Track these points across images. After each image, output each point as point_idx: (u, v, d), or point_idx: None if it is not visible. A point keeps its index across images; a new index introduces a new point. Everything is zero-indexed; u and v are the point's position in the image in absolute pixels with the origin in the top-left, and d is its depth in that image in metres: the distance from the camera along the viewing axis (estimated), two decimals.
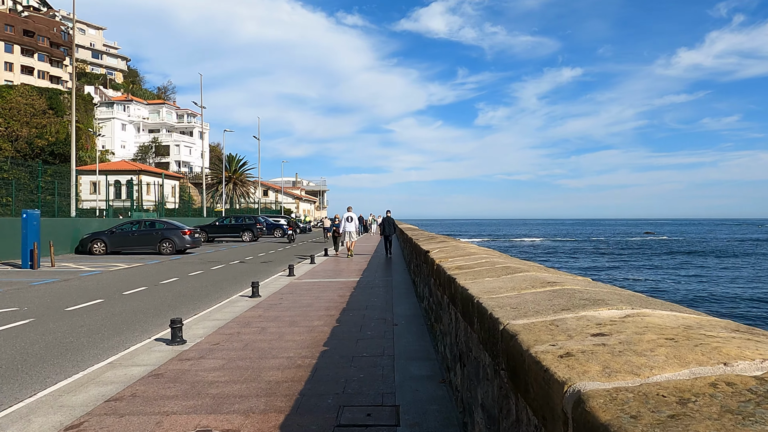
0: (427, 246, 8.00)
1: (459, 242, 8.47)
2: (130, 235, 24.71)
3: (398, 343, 6.83)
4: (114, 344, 7.41)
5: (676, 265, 41.71)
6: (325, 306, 9.70)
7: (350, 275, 15.12)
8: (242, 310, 9.45)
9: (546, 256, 52.77)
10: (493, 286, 3.27)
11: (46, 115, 79.93)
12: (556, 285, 2.99)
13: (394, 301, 10.18)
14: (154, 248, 24.41)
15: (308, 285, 12.93)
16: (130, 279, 15.20)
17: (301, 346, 6.71)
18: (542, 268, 4.13)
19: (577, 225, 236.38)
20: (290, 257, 23.14)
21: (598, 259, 48.51)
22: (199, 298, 11.56)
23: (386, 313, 8.92)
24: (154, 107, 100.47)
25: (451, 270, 4.51)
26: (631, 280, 31.67)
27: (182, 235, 24.66)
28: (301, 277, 14.56)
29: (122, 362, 6.13)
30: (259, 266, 19.16)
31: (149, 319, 9.22)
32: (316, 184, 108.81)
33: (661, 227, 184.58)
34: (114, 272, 17.04)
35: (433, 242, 8.97)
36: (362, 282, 13.41)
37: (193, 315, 9.33)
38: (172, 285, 13.83)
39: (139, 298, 11.57)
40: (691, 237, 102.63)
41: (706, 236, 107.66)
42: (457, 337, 4.23)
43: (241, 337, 7.27)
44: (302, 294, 11.38)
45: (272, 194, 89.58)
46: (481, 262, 4.79)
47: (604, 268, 39.66)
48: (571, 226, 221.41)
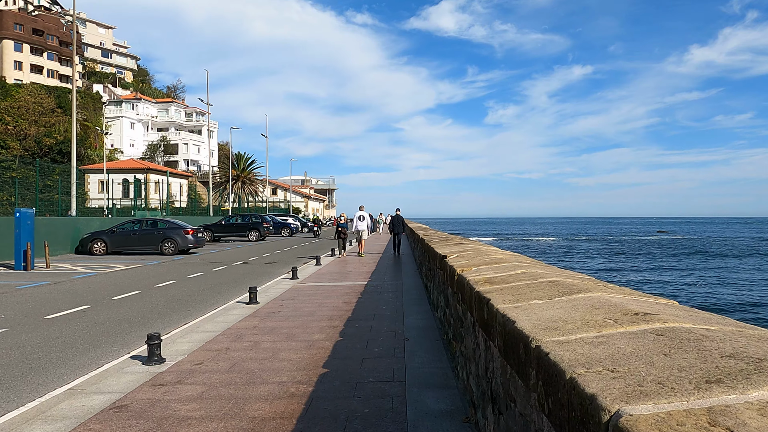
0: (443, 249, 7.01)
1: (479, 245, 7.48)
2: (131, 234, 23.91)
3: (410, 363, 5.85)
4: (85, 362, 6.49)
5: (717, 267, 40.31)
6: (328, 315, 8.74)
7: (357, 278, 14.15)
8: (236, 319, 8.51)
9: (562, 256, 51.52)
10: (550, 315, 2.29)
11: (55, 113, 79.73)
12: (651, 319, 1.99)
13: (404, 310, 9.19)
14: (156, 248, 23.60)
15: (312, 290, 11.99)
16: (125, 282, 14.34)
17: (296, 367, 5.75)
18: (605, 285, 3.14)
19: (587, 224, 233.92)
20: (296, 258, 22.23)
21: (616, 259, 47.17)
22: (193, 304, 10.65)
23: (396, 324, 7.95)
24: (162, 106, 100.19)
25: (479, 284, 3.53)
26: (685, 289, 30.20)
27: (185, 234, 23.83)
28: (304, 281, 13.61)
29: (85, 388, 5.20)
30: (263, 268, 18.26)
31: (133, 330, 8.30)
32: (325, 183, 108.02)
33: (673, 226, 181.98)
34: (109, 274, 16.20)
35: (448, 245, 7.98)
36: (370, 286, 12.44)
37: (181, 325, 8.41)
38: (167, 289, 12.94)
39: (128, 304, 10.68)
40: (707, 236, 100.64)
41: (722, 235, 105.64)
42: (489, 371, 3.25)
43: (229, 354, 6.33)
44: (304, 300, 10.43)
45: (281, 193, 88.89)
46: (516, 273, 3.80)
47: (627, 270, 38.40)
48: (582, 224, 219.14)
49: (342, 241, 22.45)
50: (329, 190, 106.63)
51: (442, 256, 6.19)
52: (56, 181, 48.84)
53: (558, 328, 2.04)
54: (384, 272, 15.67)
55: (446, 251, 6.64)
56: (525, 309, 2.50)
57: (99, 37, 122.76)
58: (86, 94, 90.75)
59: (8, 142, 71.05)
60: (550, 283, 3.17)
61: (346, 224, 22.80)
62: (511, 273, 3.85)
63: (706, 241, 78.85)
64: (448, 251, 6.59)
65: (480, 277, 3.81)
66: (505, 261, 4.73)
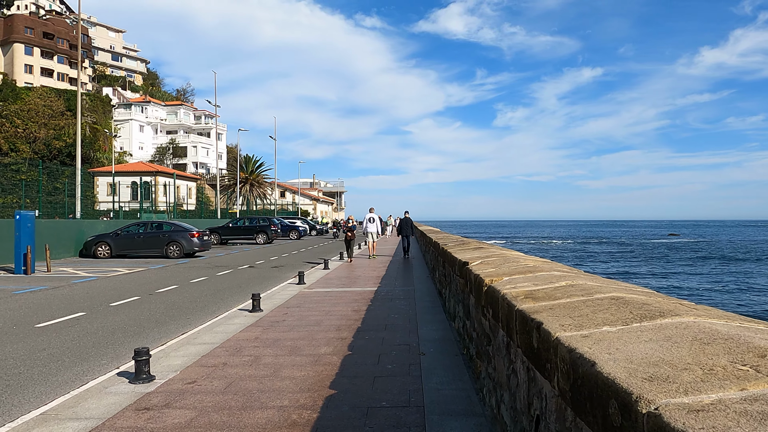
0: (463, 254, 6.36)
1: (502, 249, 6.82)
2: (135, 237, 23.44)
3: (428, 383, 5.20)
4: (69, 378, 5.90)
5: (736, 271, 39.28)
6: (336, 325, 8.10)
7: (367, 283, 13.51)
8: (237, 329, 7.90)
9: (576, 259, 50.61)
10: (643, 353, 1.63)
11: (64, 116, 79.86)
12: None
13: (418, 319, 8.54)
14: (161, 251, 23.10)
15: (319, 296, 11.36)
16: (125, 287, 13.79)
17: (300, 387, 5.11)
18: (684, 304, 2.47)
19: (597, 226, 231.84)
20: (304, 261, 21.64)
21: (632, 263, 46.19)
22: (193, 312, 10.06)
23: (410, 336, 7.29)
24: (171, 108, 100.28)
25: (519, 299, 2.88)
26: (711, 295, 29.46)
27: (190, 237, 23.32)
28: (312, 286, 12.99)
29: (60, 412, 4.60)
30: (269, 272, 17.67)
31: (126, 341, 7.71)
32: (333, 186, 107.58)
33: (685, 228, 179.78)
34: (110, 279, 15.68)
35: (467, 249, 7.32)
36: (380, 292, 11.80)
37: (177, 335, 7.81)
38: (169, 294, 12.37)
39: (125, 311, 10.11)
40: (719, 239, 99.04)
41: (735, 238, 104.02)
42: (533, 408, 2.60)
43: (226, 371, 5.71)
44: (311, 308, 9.80)
45: (289, 195, 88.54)
46: (562, 286, 3.15)
47: (644, 274, 37.49)
48: (592, 227, 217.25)
49: (350, 245, 21.26)
50: (338, 193, 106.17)
51: (462, 263, 5.54)
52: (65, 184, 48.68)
53: (669, 377, 1.39)
54: (394, 277, 15.03)
55: (466, 257, 5.98)
56: (599, 341, 1.85)
57: (109, 41, 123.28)
58: (95, 97, 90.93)
59: (18, 145, 71.20)
60: (613, 301, 2.52)
61: (354, 227, 21.73)
62: (554, 285, 3.19)
63: (719, 244, 77.46)
64: (468, 257, 5.93)
65: (517, 290, 3.16)
66: (540, 269, 4.07)
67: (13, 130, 71.60)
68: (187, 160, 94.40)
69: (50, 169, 55.16)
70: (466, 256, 5.99)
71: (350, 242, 21.16)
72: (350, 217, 23.01)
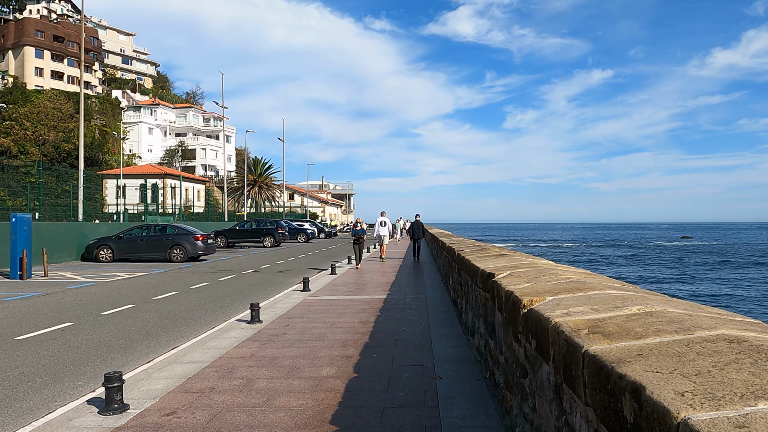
0: (485, 263, 5.55)
1: (530, 257, 6.00)
2: (138, 241, 22.82)
3: (447, 417, 4.40)
4: (35, 404, 5.16)
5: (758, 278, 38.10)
6: (340, 340, 7.32)
7: (376, 290, 12.72)
8: (232, 344, 7.14)
9: (591, 264, 49.50)
10: None
11: (74, 119, 79.87)
12: None
13: (432, 332, 7.73)
14: (165, 255, 22.46)
15: (324, 304, 10.59)
16: (121, 293, 13.10)
17: (296, 422, 4.33)
18: None
19: (608, 229, 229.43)
20: (310, 266, 20.90)
21: (650, 268, 45.05)
22: (188, 323, 9.32)
23: (423, 354, 6.50)
24: (180, 111, 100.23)
25: (584, 336, 2.08)
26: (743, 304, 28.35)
27: (194, 241, 22.66)
28: (317, 293, 12.22)
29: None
30: (274, 277, 16.94)
31: (110, 357, 6.98)
32: (342, 188, 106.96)
33: (697, 231, 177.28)
34: (108, 284, 15.01)
35: (488, 256, 6.51)
36: (390, 300, 11.00)
37: (166, 351, 7.06)
38: (165, 302, 11.66)
39: (116, 322, 9.40)
40: (734, 242, 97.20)
41: (751, 241, 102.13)
42: None
43: (212, 398, 4.94)
44: (315, 318, 9.02)
45: (298, 198, 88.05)
46: (635, 314, 2.34)
47: (670, 280, 36.40)
48: (603, 230, 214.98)
49: (359, 250, 19.35)
50: (347, 195, 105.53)
51: (487, 275, 4.73)
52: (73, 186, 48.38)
53: None
54: (405, 283, 14.23)
55: (490, 266, 5.17)
56: None
57: (119, 44, 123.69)
58: (105, 99, 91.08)
59: (27, 148, 71.22)
60: (732, 345, 1.72)
61: (363, 230, 19.64)
62: (624, 313, 2.39)
63: (735, 248, 75.86)
64: (492, 266, 5.12)
65: (574, 320, 2.37)
66: (590, 285, 3.27)
67: (22, 132, 71.64)
68: (196, 163, 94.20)
69: (59, 172, 54.98)
70: (490, 266, 5.19)
71: (359, 247, 19.33)
72: (358, 219, 20.68)
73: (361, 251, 19.53)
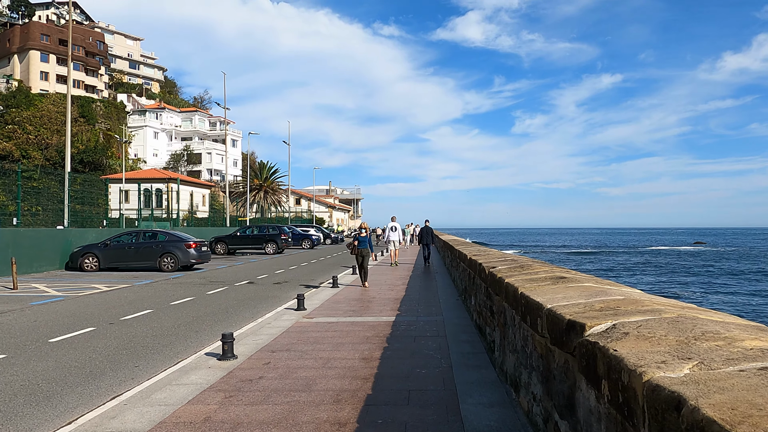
0: (545, 295, 3.66)
1: (606, 283, 4.08)
2: (126, 248, 21.06)
3: None
4: None
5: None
6: (334, 390, 5.42)
7: (383, 309, 10.82)
8: (186, 397, 5.27)
9: (611, 272, 47.27)
10: None
11: (77, 122, 78.81)
12: None
13: (456, 379, 5.81)
14: (154, 263, 20.69)
15: (319, 329, 8.70)
16: (88, 312, 11.29)
17: None
18: None
19: (619, 234, 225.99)
20: (312, 276, 19.04)
21: (677, 278, 42.75)
22: (147, 356, 7.47)
23: (449, 419, 4.58)
24: (186, 115, 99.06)
25: None
26: None
27: (186, 248, 20.87)
28: (313, 313, 10.34)
29: None
30: (269, 290, 15.09)
31: (25, 412, 5.13)
32: (350, 193, 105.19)
33: (710, 237, 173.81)
34: (79, 299, 13.21)
35: (539, 279, 4.60)
36: (400, 325, 9.09)
37: (94, 408, 5.19)
38: (134, 324, 9.83)
39: (59, 353, 7.56)
40: (750, 247, 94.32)
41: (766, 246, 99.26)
42: None
43: None
44: (304, 352, 7.14)
45: (305, 203, 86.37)
46: None
47: (717, 291, 34.19)
48: (614, 235, 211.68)
49: (362, 264, 14.90)
50: (354, 200, 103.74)
51: (567, 324, 2.83)
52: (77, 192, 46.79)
53: None
54: (416, 299, 12.31)
55: (560, 304, 3.27)
56: None
57: (127, 49, 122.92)
58: (110, 103, 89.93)
59: (29, 152, 70.08)
60: None
61: (368, 238, 15.05)
62: None
63: (754, 254, 73.17)
64: (566, 305, 3.22)
65: None
66: (735, 338, 1.40)
67: (24, 136, 70.52)
68: (201, 167, 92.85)
69: (61, 176, 53.58)
70: (560, 303, 3.28)
71: (363, 260, 14.90)
72: (363, 224, 15.57)
73: (366, 266, 14.99)
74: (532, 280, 4.61)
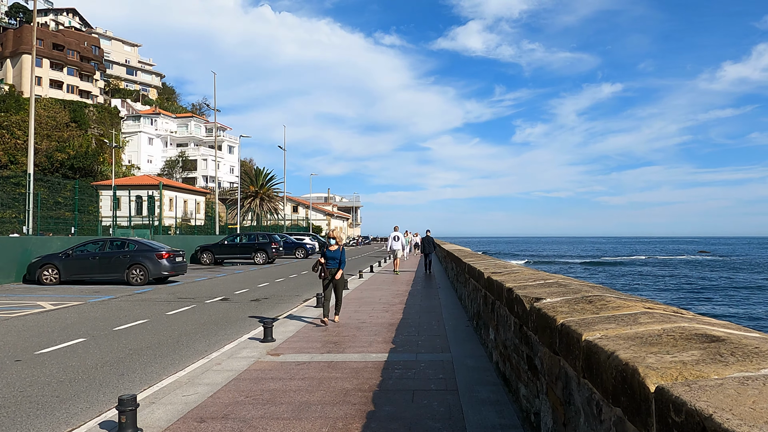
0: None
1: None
2: (90, 258, 18.68)
3: None
4: None
5: None
6: None
7: (372, 342, 8.42)
8: None
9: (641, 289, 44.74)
10: None
11: (69, 128, 76.71)
12: None
13: None
14: (122, 276, 18.33)
15: (282, 376, 6.32)
16: (6, 340, 8.92)
17: None
18: None
19: (622, 243, 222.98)
20: (297, 291, 16.66)
21: (700, 292, 40.27)
22: (42, 416, 5.09)
23: None
24: (182, 121, 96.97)
25: None
26: None
27: (158, 259, 18.50)
28: (281, 347, 7.95)
29: None
30: (243, 309, 12.71)
31: None
32: (349, 200, 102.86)
33: (712, 246, 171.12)
34: (9, 322, 10.84)
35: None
36: (393, 368, 6.69)
37: None
38: (45, 361, 7.46)
39: None
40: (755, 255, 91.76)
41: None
42: None
43: None
44: (248, 424, 4.75)
45: (302, 210, 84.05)
46: None
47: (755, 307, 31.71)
48: (617, 244, 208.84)
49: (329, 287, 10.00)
50: (353, 208, 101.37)
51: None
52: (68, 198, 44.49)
53: None
54: (416, 325, 9.92)
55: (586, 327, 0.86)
56: None
57: (124, 55, 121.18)
58: (103, 108, 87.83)
59: (18, 157, 67.80)
60: None
61: (340, 254, 10.00)
62: None
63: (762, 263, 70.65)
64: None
65: None
66: None
67: (13, 141, 68.27)
68: (197, 174, 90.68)
69: (51, 183, 51.33)
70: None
71: (330, 285, 10.00)
72: (332, 232, 10.37)
73: (332, 291, 10.03)
74: (642, 339, 2.22)
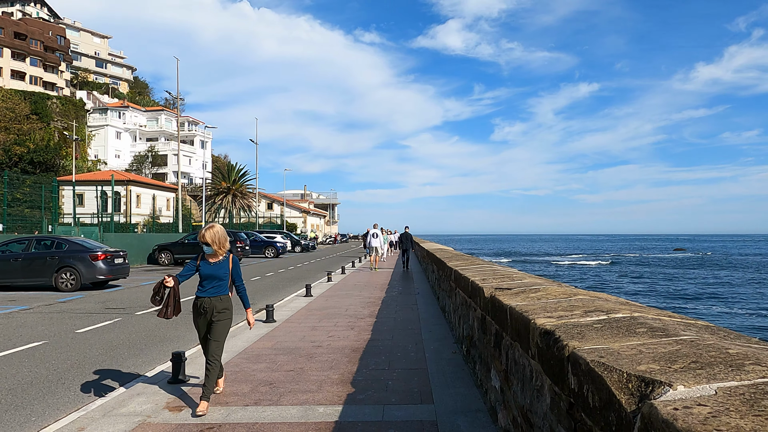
0: None
1: None
2: (12, 260, 15.98)
3: None
4: None
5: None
6: None
7: (323, 383, 6.08)
8: None
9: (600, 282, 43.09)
10: None
11: (29, 120, 72.66)
12: None
13: None
14: (49, 280, 15.69)
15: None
16: None
17: None
18: None
19: (598, 241, 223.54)
20: (253, 297, 14.21)
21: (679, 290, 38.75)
22: None
23: None
24: (152, 114, 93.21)
25: None
26: None
27: (91, 261, 15.89)
28: (188, 395, 5.57)
29: None
30: (176, 324, 10.25)
31: None
32: (326, 198, 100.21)
33: (686, 243, 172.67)
34: None
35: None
36: (356, 421, 4.36)
37: None
38: None
39: None
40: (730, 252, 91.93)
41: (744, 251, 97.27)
42: None
43: None
44: None
45: (277, 207, 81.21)
46: None
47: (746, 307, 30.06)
48: (593, 242, 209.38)
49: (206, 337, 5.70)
50: (330, 205, 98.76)
51: None
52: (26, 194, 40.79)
53: None
54: (388, 352, 7.60)
55: None
56: None
57: (94, 47, 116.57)
58: (67, 100, 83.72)
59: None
60: None
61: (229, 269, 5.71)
62: None
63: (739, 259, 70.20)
64: None
65: None
66: None
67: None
68: (167, 170, 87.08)
69: (10, 178, 47.74)
70: None
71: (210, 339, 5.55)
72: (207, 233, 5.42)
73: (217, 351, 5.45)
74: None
